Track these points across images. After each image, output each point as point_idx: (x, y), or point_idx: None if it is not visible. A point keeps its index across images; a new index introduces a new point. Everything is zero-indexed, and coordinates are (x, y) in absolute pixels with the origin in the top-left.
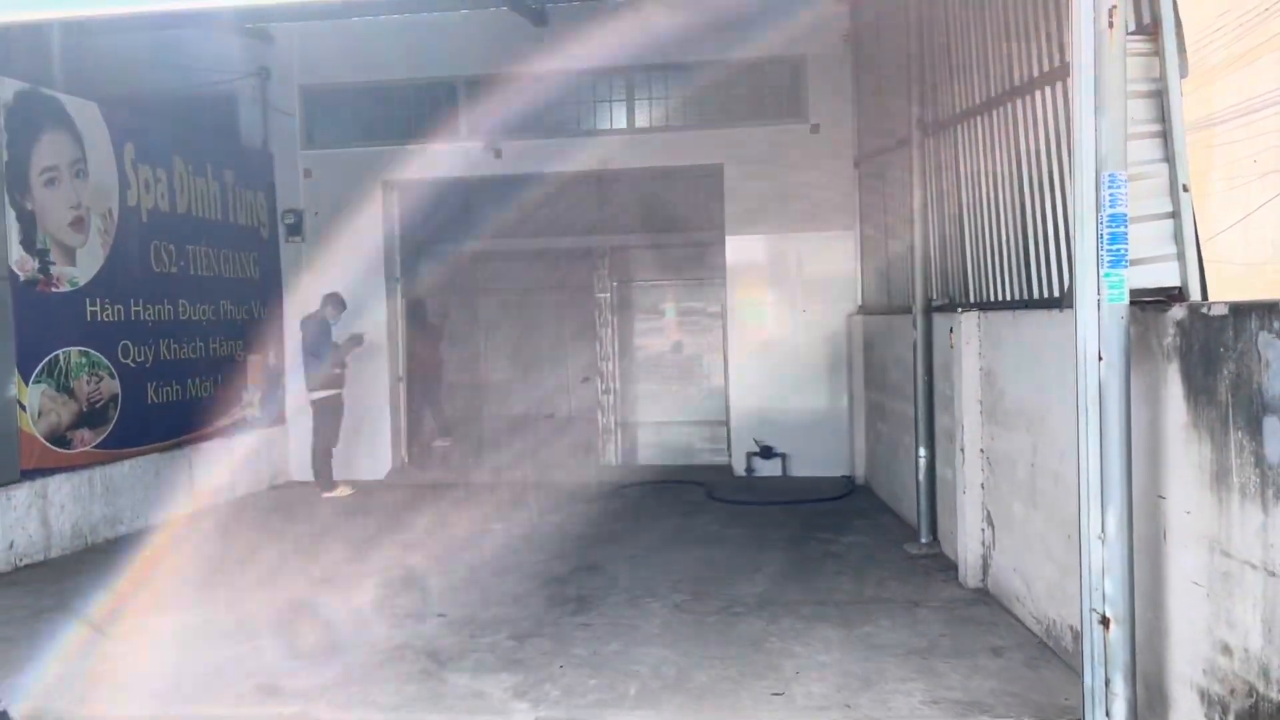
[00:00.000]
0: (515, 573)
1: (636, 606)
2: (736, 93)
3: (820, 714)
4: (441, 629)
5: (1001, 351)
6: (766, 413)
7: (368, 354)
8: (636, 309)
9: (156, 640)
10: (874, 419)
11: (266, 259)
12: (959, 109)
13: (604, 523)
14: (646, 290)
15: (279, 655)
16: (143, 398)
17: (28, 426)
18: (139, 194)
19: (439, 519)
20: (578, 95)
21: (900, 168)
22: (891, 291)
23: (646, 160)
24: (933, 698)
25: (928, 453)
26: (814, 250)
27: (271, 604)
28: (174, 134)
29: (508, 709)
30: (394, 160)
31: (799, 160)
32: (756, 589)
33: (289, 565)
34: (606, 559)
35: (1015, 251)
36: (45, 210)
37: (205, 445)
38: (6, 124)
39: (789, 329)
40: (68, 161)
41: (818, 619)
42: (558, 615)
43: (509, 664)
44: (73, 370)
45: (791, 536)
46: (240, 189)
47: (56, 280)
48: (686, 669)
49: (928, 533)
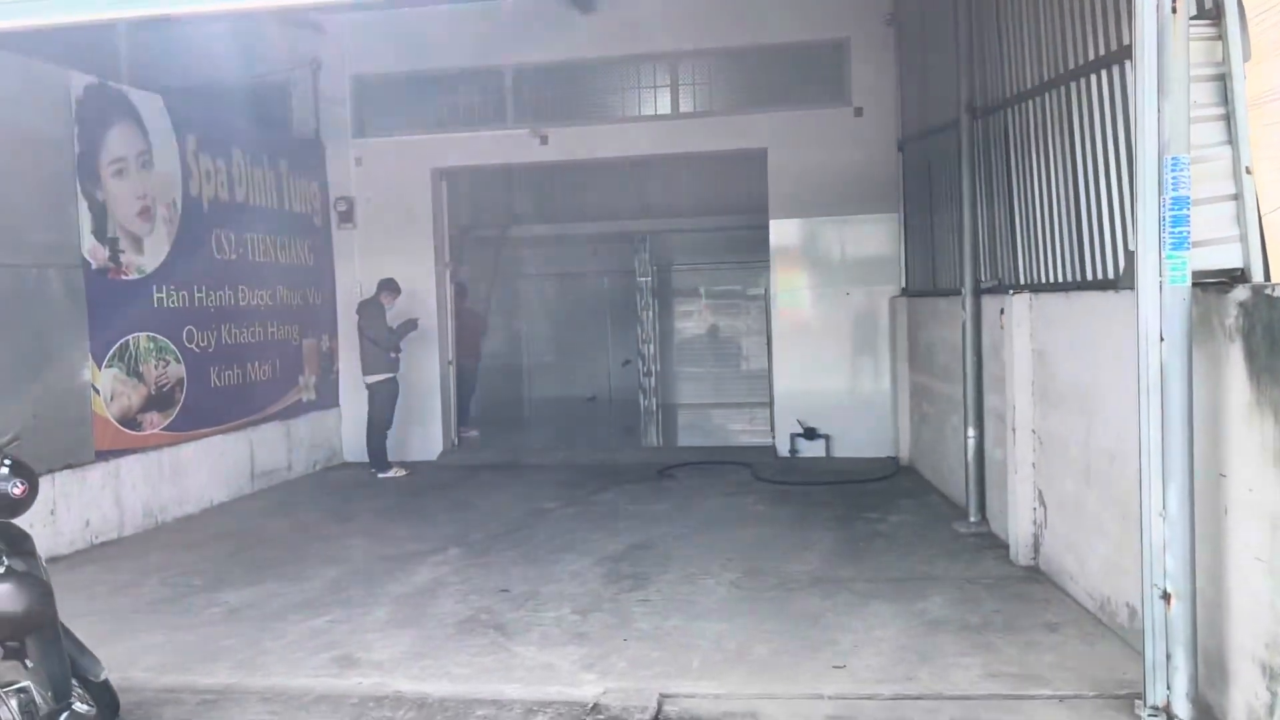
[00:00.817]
0: (571, 550)
1: (692, 583)
2: (780, 77)
3: (880, 686)
4: (505, 603)
5: (1054, 332)
6: (810, 394)
7: (419, 338)
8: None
9: (233, 614)
10: (919, 400)
11: (319, 246)
12: (1010, 92)
13: (653, 502)
14: (688, 274)
15: (351, 629)
16: (206, 381)
17: (101, 409)
18: (200, 184)
19: (493, 498)
20: (622, 81)
21: (946, 151)
22: (937, 274)
23: (690, 145)
24: (990, 672)
25: (977, 433)
26: (857, 233)
27: (341, 580)
28: (232, 125)
29: (577, 680)
30: (443, 148)
31: (842, 143)
32: (808, 567)
33: (353, 542)
34: (658, 538)
35: (1068, 233)
36: (115, 200)
37: (265, 427)
38: (78, 117)
39: (832, 311)
40: (135, 153)
41: (871, 595)
42: (616, 591)
43: (574, 637)
44: (141, 355)
45: (839, 516)
46: (294, 178)
47: (126, 268)
48: (746, 643)
49: (976, 512)
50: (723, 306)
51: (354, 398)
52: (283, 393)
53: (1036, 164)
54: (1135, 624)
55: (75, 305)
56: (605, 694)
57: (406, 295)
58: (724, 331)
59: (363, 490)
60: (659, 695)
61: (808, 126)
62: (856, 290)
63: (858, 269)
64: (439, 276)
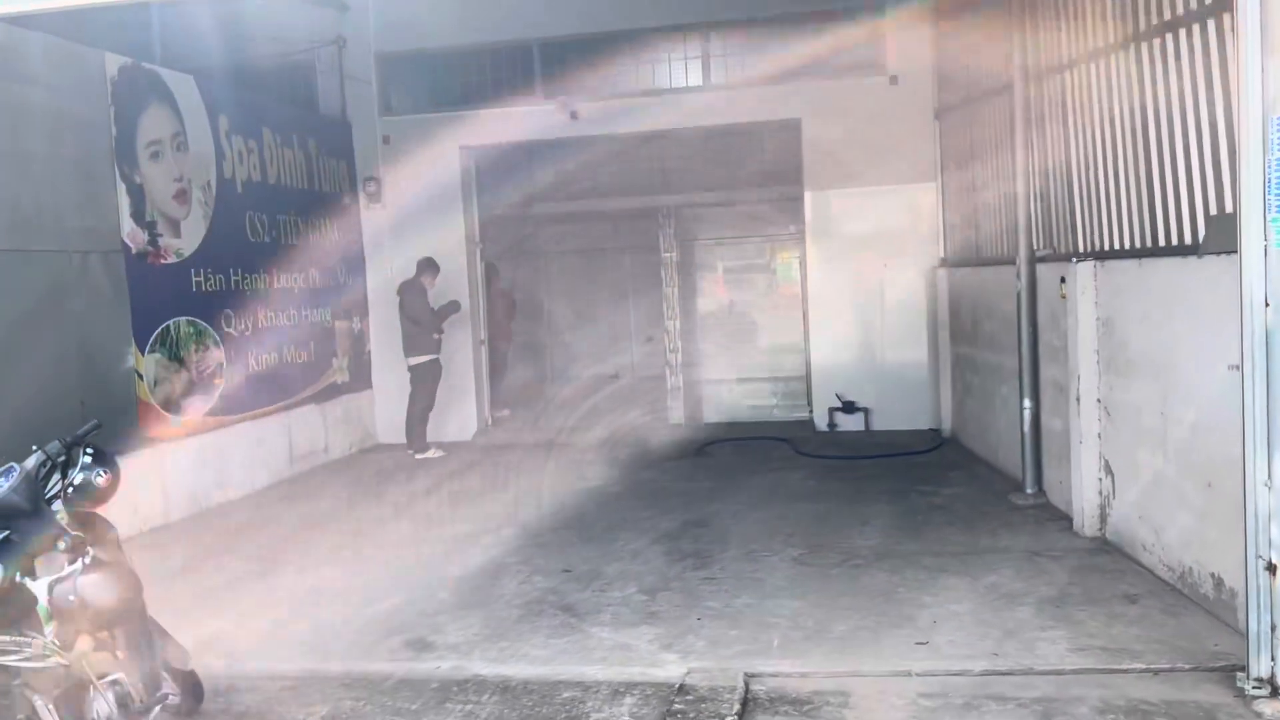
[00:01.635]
0: (626, 529)
1: (755, 561)
2: (813, 46)
3: (968, 662)
4: (570, 583)
5: (1123, 300)
6: (847, 367)
7: (455, 319)
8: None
9: (294, 598)
10: (962, 371)
11: (349, 227)
12: (1071, 55)
13: (698, 479)
14: (722, 248)
15: (418, 611)
16: (244, 366)
17: (146, 395)
18: (234, 165)
19: (535, 478)
20: (653, 54)
21: (993, 118)
22: (981, 244)
23: (724, 117)
24: (1078, 645)
25: (1033, 404)
26: (894, 204)
27: (397, 562)
28: (262, 105)
29: (658, 660)
30: (471, 125)
31: (878, 113)
32: (870, 542)
33: (402, 525)
34: (711, 515)
35: (1138, 199)
36: (151, 183)
37: (300, 411)
38: (113, 99)
39: (869, 283)
40: (169, 134)
41: (940, 570)
42: (680, 570)
43: (646, 617)
44: (182, 340)
45: (891, 490)
46: (323, 158)
47: (164, 252)
48: (823, 620)
49: (1033, 483)
50: (749, 281)
51: (387, 379)
52: (318, 375)
53: (1101, 128)
54: (1223, 595)
55: (117, 291)
56: (689, 674)
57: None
58: (750, 306)
59: (402, 472)
60: (744, 675)
61: (842, 96)
62: (894, 262)
63: (895, 240)
64: (469, 256)
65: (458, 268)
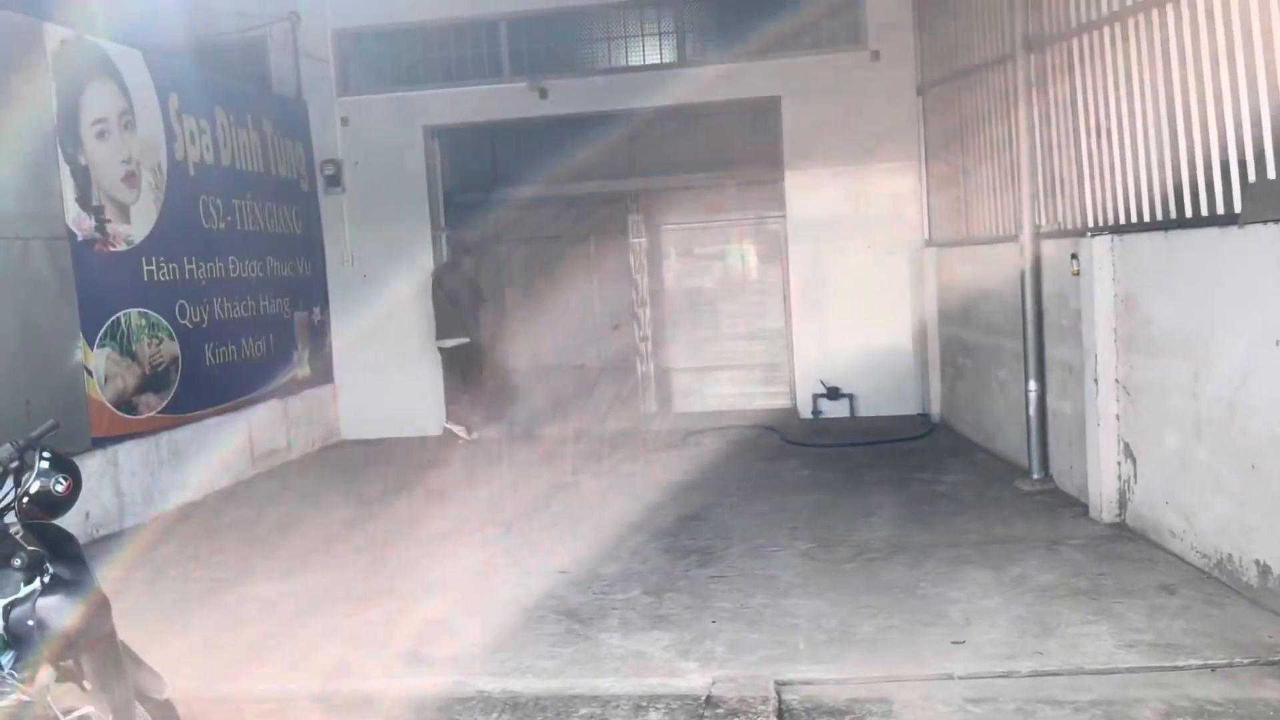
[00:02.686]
0: (618, 525)
1: (763, 557)
2: (791, 21)
3: (1012, 662)
4: (567, 586)
5: (1147, 275)
6: (831, 353)
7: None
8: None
9: (269, 609)
10: (953, 354)
11: (307, 212)
12: (1080, 21)
13: (687, 471)
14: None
15: (408, 621)
16: (201, 360)
17: (95, 393)
18: (185, 146)
19: (511, 473)
20: (625, 31)
21: (988, 90)
22: (973, 222)
23: (701, 95)
24: (1125, 641)
25: (1038, 386)
26: (877, 183)
27: (378, 566)
28: (214, 83)
29: (677, 669)
30: (435, 105)
31: (859, 90)
32: (880, 534)
33: (377, 525)
34: (707, 508)
35: (1160, 169)
36: (98, 165)
37: (261, 407)
38: (55, 74)
39: (852, 265)
40: (116, 113)
41: (959, 561)
42: (684, 568)
43: (656, 621)
44: (134, 333)
45: (890, 478)
46: (279, 139)
47: (113, 239)
48: (847, 620)
49: (1039, 469)
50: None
51: (351, 373)
52: (278, 370)
53: (1118, 97)
54: (1269, 583)
55: (62, 281)
56: (715, 684)
57: (401, 263)
58: (728, 292)
59: (370, 469)
60: (775, 683)
61: (822, 73)
62: (878, 242)
63: (877, 221)
64: (435, 242)
65: (423, 255)
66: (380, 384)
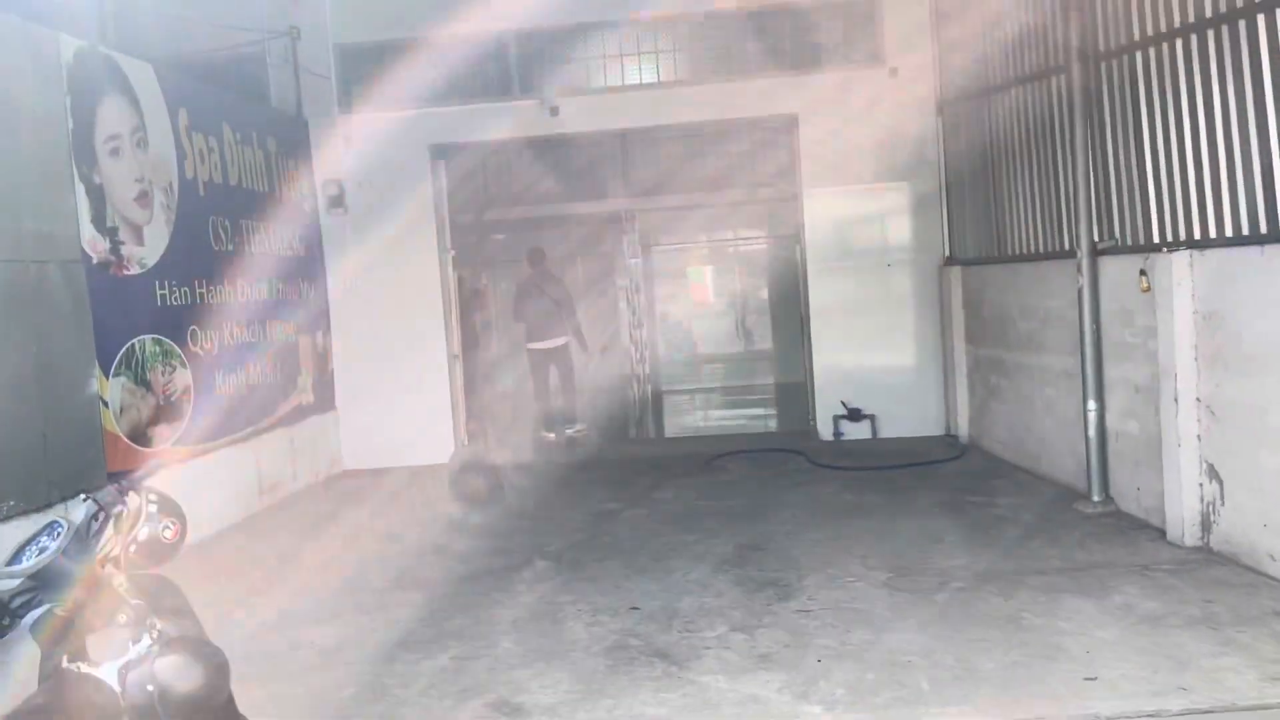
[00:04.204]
0: (675, 556)
1: (843, 588)
2: (808, 38)
3: (1156, 699)
4: (646, 623)
5: (1234, 291)
6: (850, 373)
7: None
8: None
9: (329, 657)
10: (984, 374)
11: (309, 233)
12: (1146, 33)
13: (723, 496)
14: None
15: (486, 666)
16: (212, 388)
17: (111, 425)
18: (195, 165)
19: (539, 501)
20: (638, 46)
21: (1029, 105)
22: (1008, 239)
23: (716, 113)
24: (1268, 674)
25: (1098, 406)
26: (895, 201)
27: (431, 606)
28: (221, 99)
29: (801, 713)
30: (442, 123)
31: (877, 107)
32: (956, 561)
33: (413, 561)
34: (763, 536)
35: (1247, 183)
36: (112, 184)
37: (269, 436)
38: (70, 87)
39: (871, 284)
40: (129, 129)
41: (1053, 590)
42: (765, 602)
43: (757, 661)
44: (148, 361)
45: (940, 502)
46: (281, 158)
47: (127, 262)
48: (963, 656)
49: (1099, 491)
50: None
51: (353, 399)
52: (284, 397)
53: (1194, 109)
54: None
55: (78, 306)
56: None
57: (409, 285)
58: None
59: (386, 501)
60: None
61: (840, 90)
62: (898, 260)
63: (896, 239)
64: (441, 263)
65: (430, 277)
66: (384, 411)
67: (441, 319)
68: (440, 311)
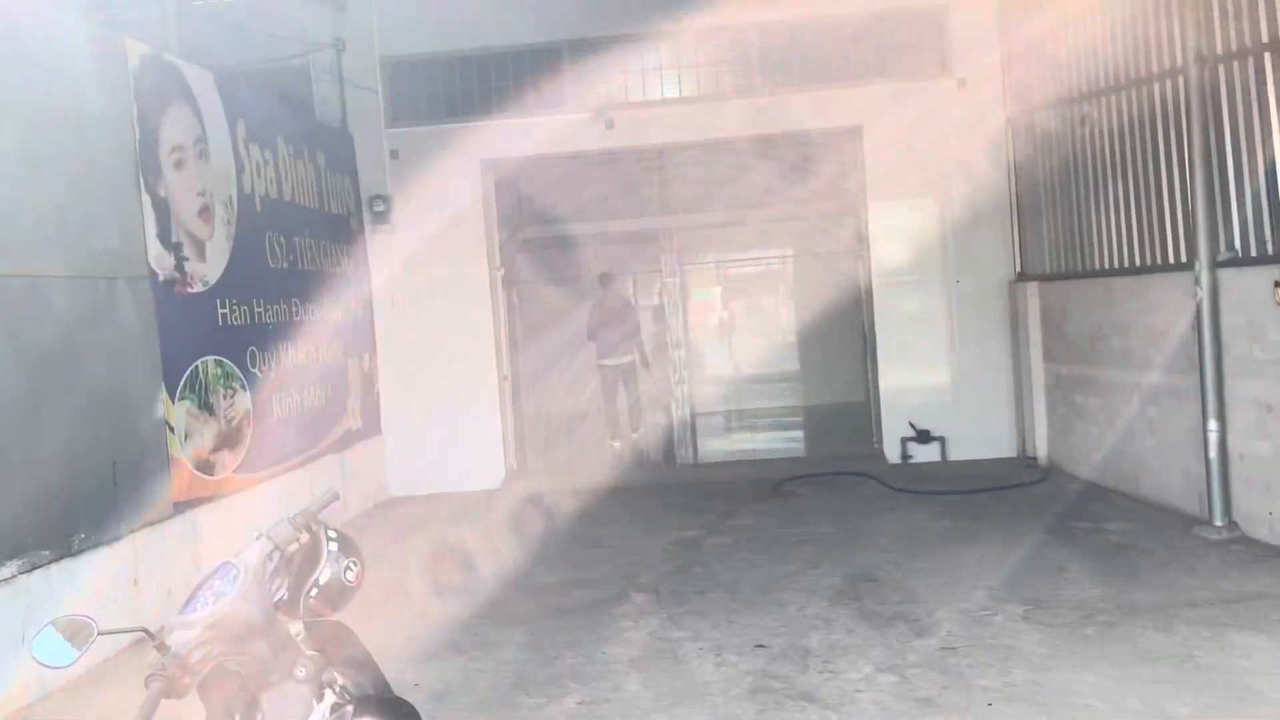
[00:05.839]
0: (781, 588)
1: (981, 623)
2: (873, 49)
3: None
4: (779, 662)
5: None
6: (917, 392)
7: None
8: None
9: (442, 701)
10: (1067, 393)
11: (356, 251)
12: (1275, 35)
13: (807, 523)
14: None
15: (618, 709)
16: (270, 412)
17: (177, 451)
18: (252, 179)
19: (611, 530)
20: (697, 57)
21: (1109, 115)
22: (1089, 253)
23: (779, 125)
24: None
25: (1219, 426)
26: (963, 216)
27: (536, 644)
28: (275, 111)
29: None
30: (491, 137)
31: (944, 117)
32: (1092, 592)
33: (497, 594)
34: (869, 566)
35: None
36: (176, 197)
37: (321, 462)
38: (136, 95)
39: (939, 300)
40: (192, 140)
41: (1214, 624)
42: (900, 639)
43: (921, 705)
44: (211, 383)
45: (1046, 527)
46: (330, 173)
47: (191, 279)
48: (1147, 697)
49: (1222, 515)
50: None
51: (398, 423)
52: (335, 421)
53: None
54: None
55: (146, 326)
56: None
57: (458, 303)
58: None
59: (446, 529)
60: None
61: (906, 101)
62: (966, 277)
63: (963, 253)
64: (492, 282)
65: (480, 296)
66: (431, 436)
67: (491, 339)
68: (490, 331)
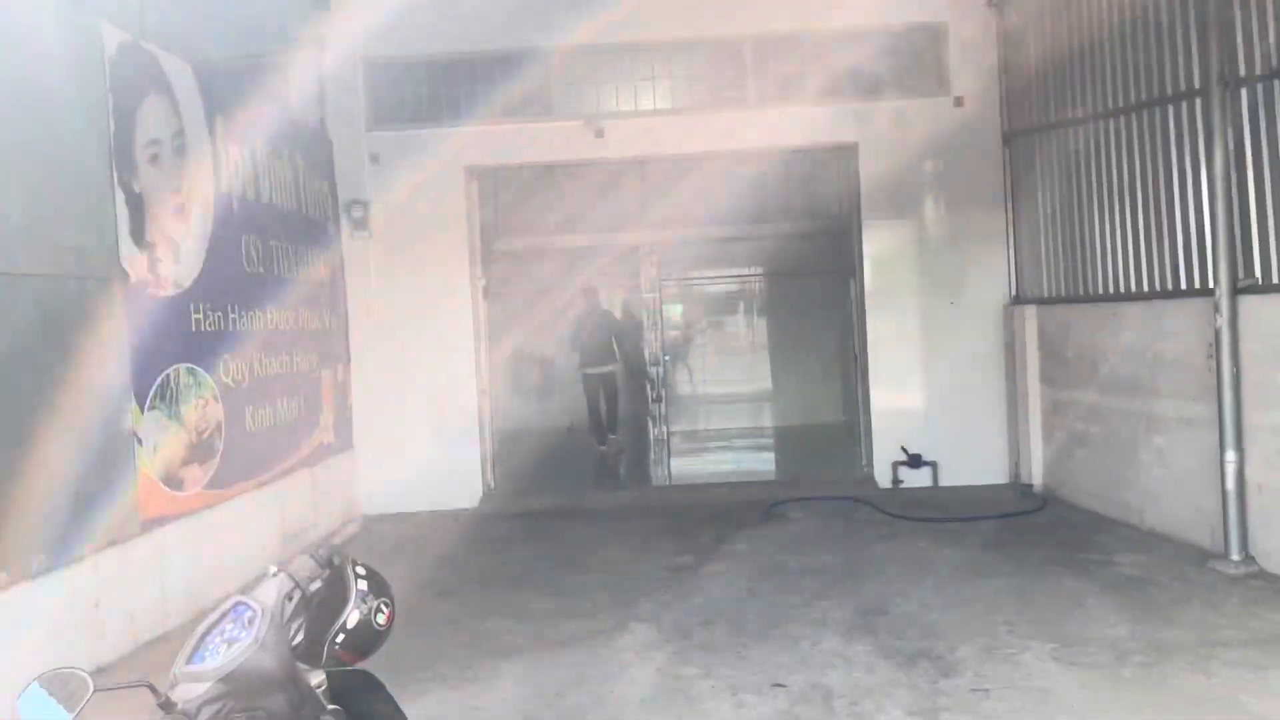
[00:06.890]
0: (790, 622)
1: (1008, 662)
2: (871, 66)
3: None
4: (801, 704)
5: None
6: (908, 416)
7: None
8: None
9: None
10: (1066, 419)
11: (332, 258)
12: None
13: (805, 551)
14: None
15: None
16: (242, 424)
17: (145, 466)
18: (230, 178)
19: (600, 554)
20: (690, 68)
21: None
22: (1092, 278)
23: (771, 140)
24: None
25: (1237, 456)
26: (959, 236)
27: (535, 678)
28: (256, 108)
29: None
30: (476, 143)
31: (941, 137)
32: (1116, 630)
33: (488, 623)
34: (879, 599)
35: None
36: (151, 194)
37: (292, 478)
38: (112, 84)
39: (932, 323)
40: (169, 134)
41: (1255, 666)
42: (927, 679)
43: None
44: (182, 393)
45: (1055, 559)
46: (307, 175)
47: (164, 281)
48: None
49: (1239, 549)
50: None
51: (370, 438)
52: (307, 435)
53: None
54: None
55: (116, 330)
56: None
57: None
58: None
59: (421, 550)
60: None
61: (903, 119)
62: (961, 299)
63: (957, 274)
64: (474, 293)
65: (460, 307)
66: (406, 451)
67: (471, 352)
68: (470, 344)
